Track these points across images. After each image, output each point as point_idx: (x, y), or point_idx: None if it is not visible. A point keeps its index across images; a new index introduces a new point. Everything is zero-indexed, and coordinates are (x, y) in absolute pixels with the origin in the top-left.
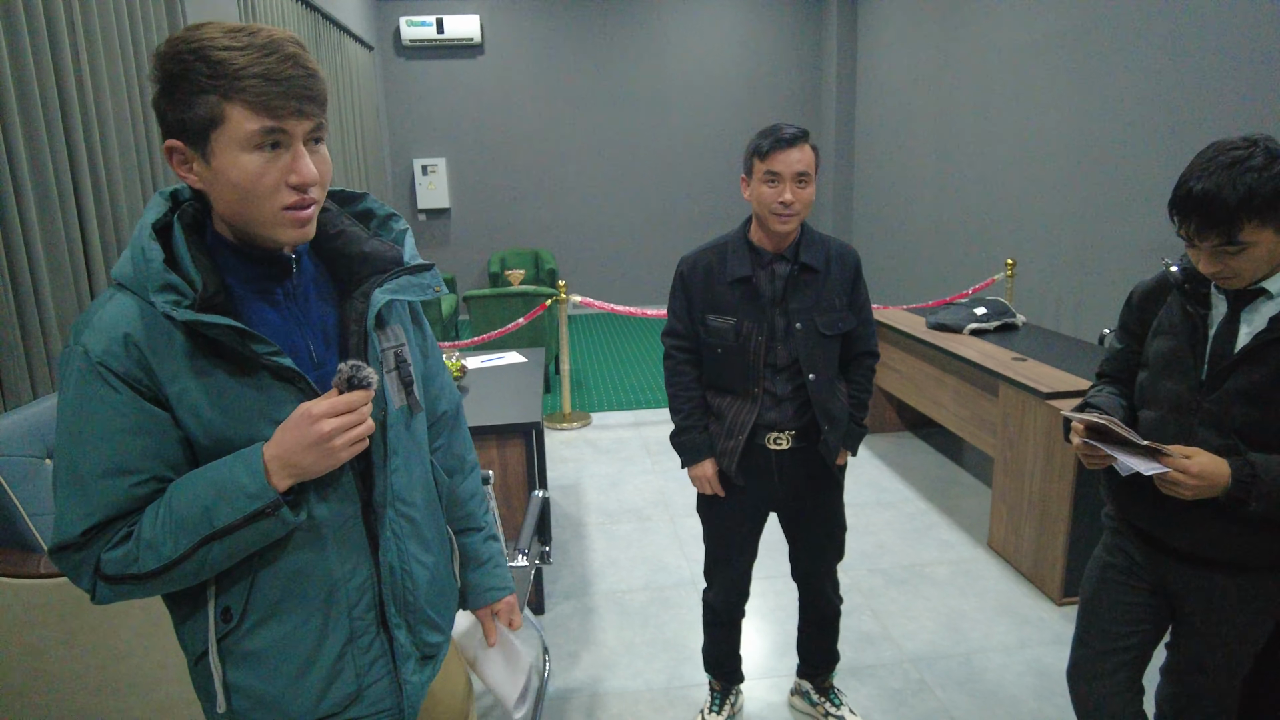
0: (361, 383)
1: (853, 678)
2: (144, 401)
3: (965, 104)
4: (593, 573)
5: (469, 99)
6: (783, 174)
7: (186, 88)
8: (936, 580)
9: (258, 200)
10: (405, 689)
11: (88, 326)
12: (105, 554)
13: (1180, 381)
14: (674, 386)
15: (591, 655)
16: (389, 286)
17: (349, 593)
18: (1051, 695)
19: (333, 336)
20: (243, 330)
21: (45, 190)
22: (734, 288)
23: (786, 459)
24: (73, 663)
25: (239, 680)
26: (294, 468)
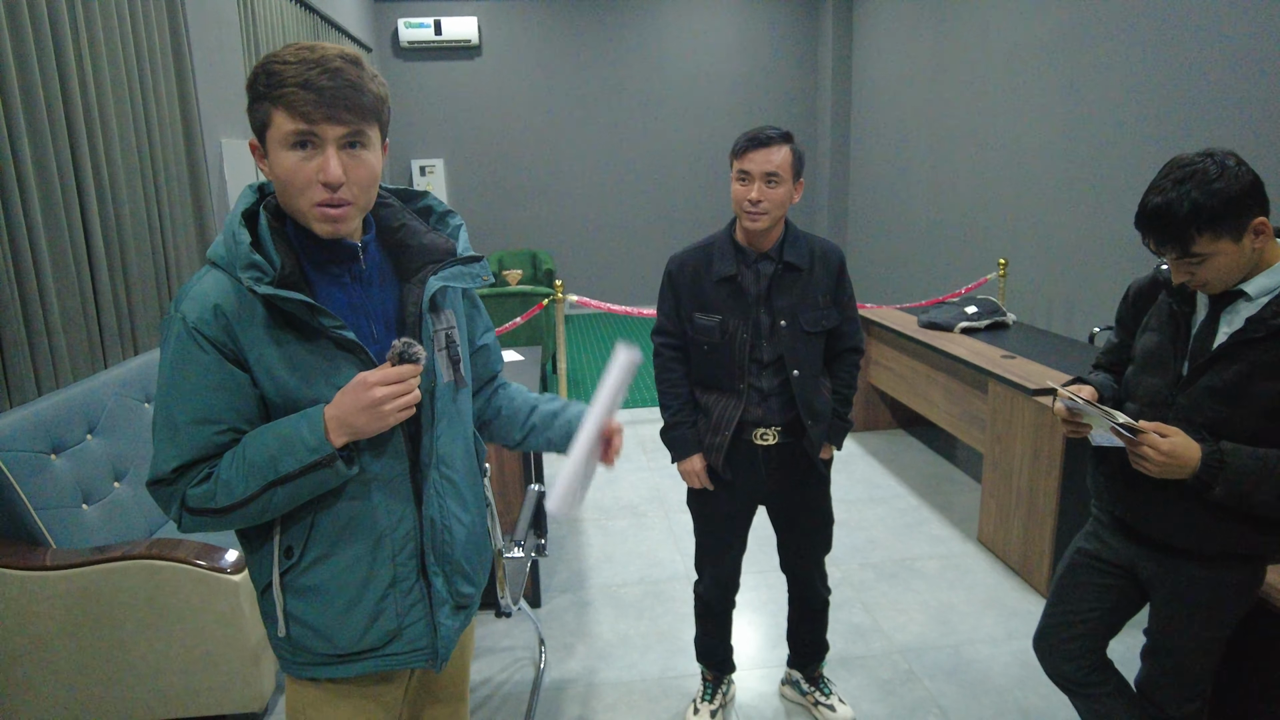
0: (412, 358)
1: (842, 668)
2: (228, 363)
3: (958, 106)
4: (588, 567)
5: (467, 100)
6: (752, 173)
7: (253, 95)
8: (926, 574)
9: (295, 193)
10: (440, 631)
11: (186, 297)
12: (190, 490)
13: (1160, 377)
14: (663, 383)
15: (587, 647)
16: (442, 274)
17: (394, 540)
18: (1036, 685)
19: (392, 316)
20: (312, 305)
21: (49, 190)
22: (720, 286)
23: (773, 454)
24: (78, 654)
25: (296, 610)
26: (349, 427)
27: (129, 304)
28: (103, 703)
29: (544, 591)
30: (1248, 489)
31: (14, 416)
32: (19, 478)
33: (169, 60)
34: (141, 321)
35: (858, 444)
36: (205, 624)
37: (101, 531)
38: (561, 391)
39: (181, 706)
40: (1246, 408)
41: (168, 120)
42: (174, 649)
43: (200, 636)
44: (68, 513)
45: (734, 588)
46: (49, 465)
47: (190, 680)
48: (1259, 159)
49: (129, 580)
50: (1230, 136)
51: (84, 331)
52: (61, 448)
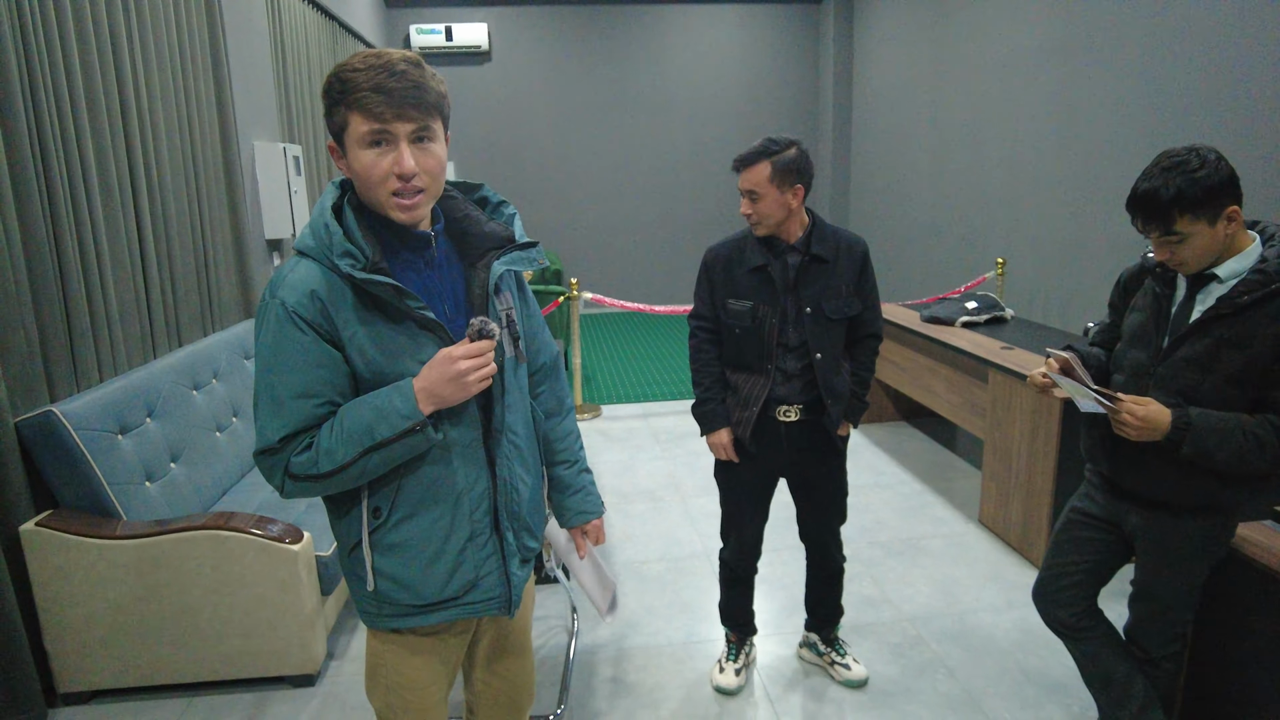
0: (489, 334)
1: (855, 634)
2: (324, 343)
3: (957, 110)
4: (612, 546)
5: (477, 105)
6: (742, 190)
7: (330, 102)
8: (931, 551)
9: (373, 186)
10: (513, 581)
11: (283, 284)
12: (294, 458)
13: (1143, 351)
14: (697, 363)
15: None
16: (505, 259)
17: (471, 499)
18: (1035, 648)
19: (460, 297)
20: (400, 289)
21: (109, 192)
22: (751, 275)
23: (794, 429)
24: (151, 617)
25: (384, 566)
26: (436, 397)
27: (174, 297)
28: (172, 662)
29: None
30: (1210, 447)
31: (87, 399)
32: (94, 455)
33: (209, 67)
34: (185, 313)
35: (863, 435)
36: (266, 591)
37: (163, 508)
38: (576, 387)
39: (242, 667)
40: (1215, 375)
41: (207, 124)
42: (236, 614)
43: (260, 603)
44: (134, 489)
45: (756, 554)
46: (117, 444)
47: (251, 644)
48: (1243, 157)
49: (196, 549)
50: (1216, 137)
51: (137, 323)
52: (127, 429)
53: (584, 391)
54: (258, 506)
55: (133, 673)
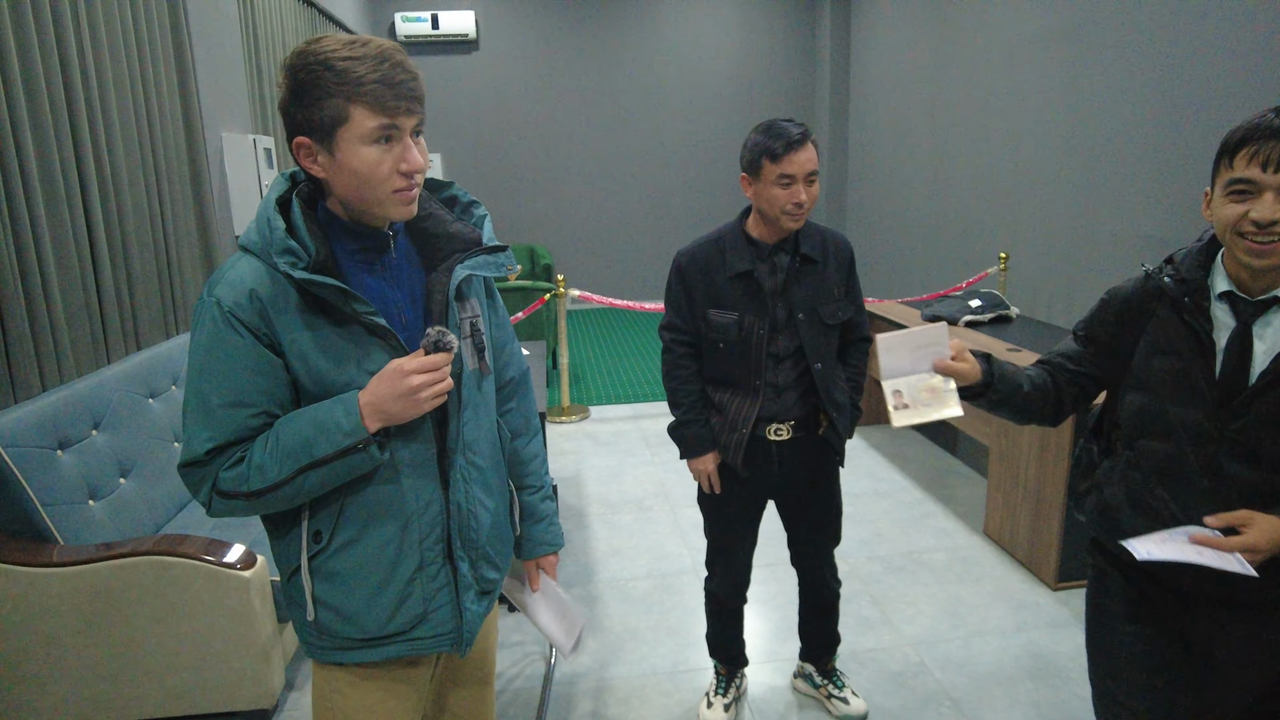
0: (445, 346)
1: (853, 660)
2: (262, 347)
3: (958, 99)
4: (595, 562)
5: (464, 95)
6: (796, 175)
7: (316, 93)
8: (934, 567)
9: (375, 185)
10: (465, 616)
11: (220, 282)
12: (223, 473)
13: (1194, 407)
14: (674, 380)
15: (597, 641)
16: (469, 263)
17: (421, 525)
18: (1047, 677)
19: (419, 303)
20: (346, 290)
21: (51, 184)
22: (735, 282)
23: (786, 449)
24: (88, 651)
25: (324, 594)
26: (384, 413)
27: (131, 299)
28: (112, 700)
29: None
30: None
31: (19, 412)
32: (26, 474)
33: (169, 53)
34: (144, 316)
35: (861, 438)
36: (215, 620)
37: (108, 528)
38: (564, 387)
39: (192, 703)
40: None
41: (169, 113)
42: (184, 645)
43: (210, 633)
44: (75, 509)
45: (745, 583)
46: (55, 461)
47: (200, 677)
48: None
49: (138, 576)
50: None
51: (87, 327)
52: (67, 444)
53: (572, 392)
54: (216, 524)
55: (70, 712)
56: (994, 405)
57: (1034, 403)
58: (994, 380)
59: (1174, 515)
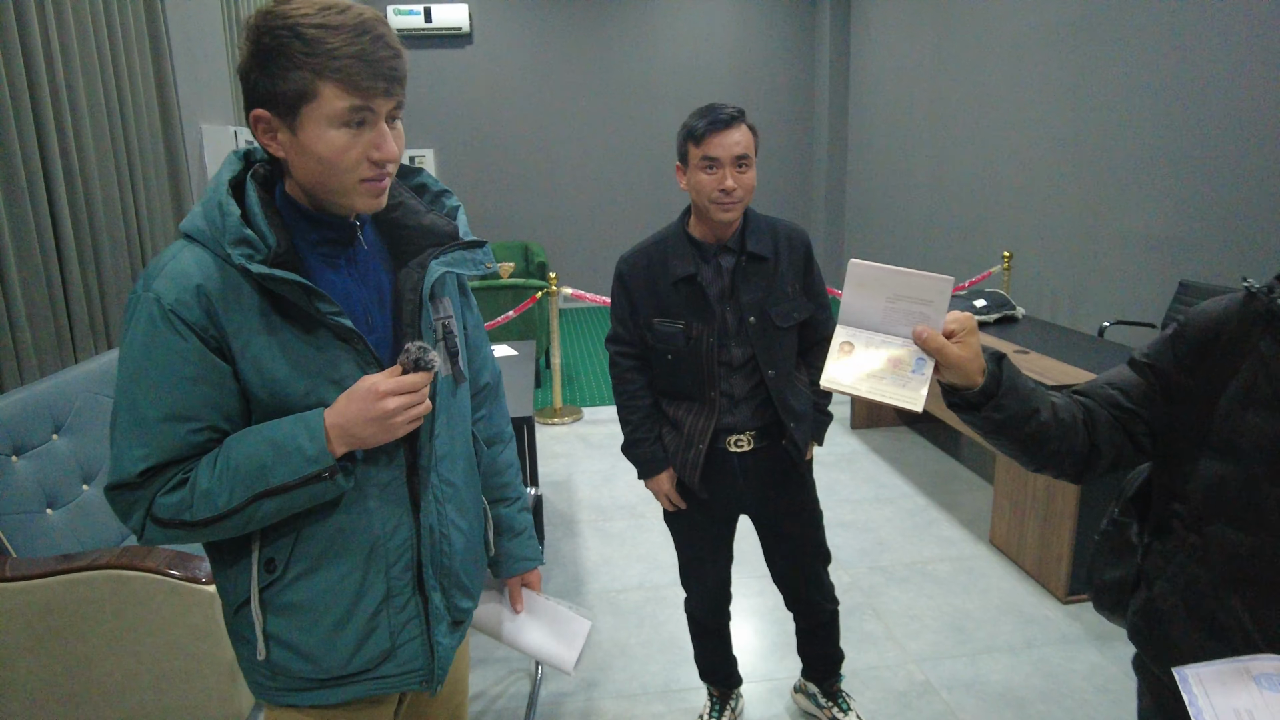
0: (426, 365)
1: (855, 679)
2: (209, 352)
3: (960, 95)
4: (586, 571)
5: (457, 90)
6: (721, 158)
7: (282, 62)
8: (938, 578)
9: (340, 173)
10: (437, 651)
11: (160, 275)
12: (160, 498)
13: None
14: (622, 396)
15: (586, 657)
16: (444, 259)
17: (389, 551)
18: (1060, 698)
19: (388, 303)
20: (310, 288)
21: (12, 176)
22: (678, 288)
23: (749, 460)
24: (42, 670)
25: (278, 630)
26: (353, 438)
27: (101, 296)
28: None
29: None
30: None
31: None
32: None
33: (144, 39)
34: (115, 314)
35: (861, 441)
36: (178, 638)
37: (68, 538)
38: (555, 388)
39: None
40: None
41: (144, 103)
42: (145, 665)
43: (173, 651)
44: (30, 518)
45: (725, 601)
46: (10, 468)
47: (162, 698)
48: (1275, 152)
49: (95, 592)
50: (1241, 126)
51: (51, 325)
52: (24, 449)
53: (564, 393)
54: None
55: None
56: (993, 428)
57: (1051, 439)
58: (999, 391)
59: (1248, 637)
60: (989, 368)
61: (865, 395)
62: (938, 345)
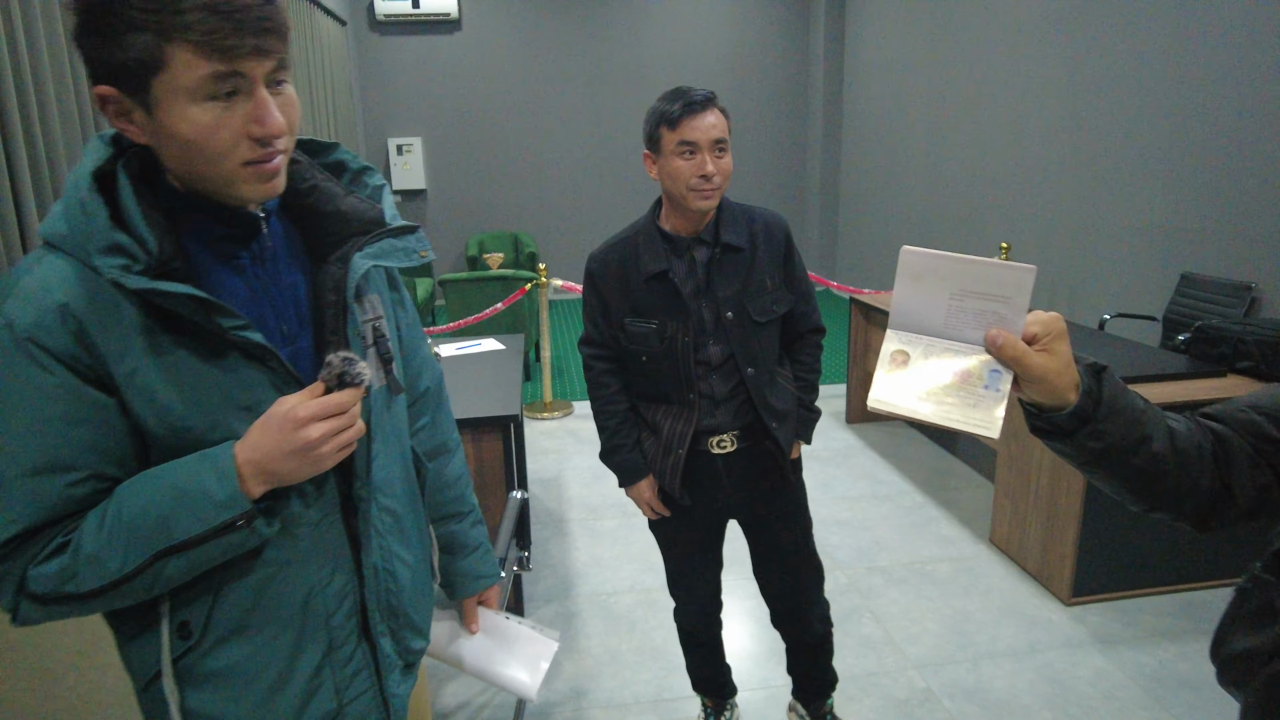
0: (354, 379)
1: (854, 686)
2: (83, 384)
3: (957, 84)
4: (575, 573)
5: (446, 76)
6: (699, 142)
7: (114, 22)
8: (938, 579)
9: (213, 158)
10: (391, 704)
11: (11, 295)
12: (34, 569)
13: None
14: (597, 400)
15: (574, 665)
16: (371, 251)
17: (327, 599)
18: (1065, 705)
19: (305, 307)
20: (205, 300)
21: None
22: (650, 285)
23: (734, 461)
24: (2, 686)
25: (200, 705)
26: (272, 475)
27: None
28: None
29: (527, 601)
30: None
31: None
32: None
33: None
34: None
35: (857, 436)
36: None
37: None
38: (545, 382)
39: None
40: None
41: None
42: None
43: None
44: None
45: (716, 610)
46: None
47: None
48: (1276, 143)
49: None
50: (1242, 115)
51: None
52: None
53: (554, 386)
54: None
55: None
56: (1090, 459)
57: (1166, 475)
58: (1098, 413)
59: None
60: (1084, 383)
61: (926, 419)
62: (1017, 353)
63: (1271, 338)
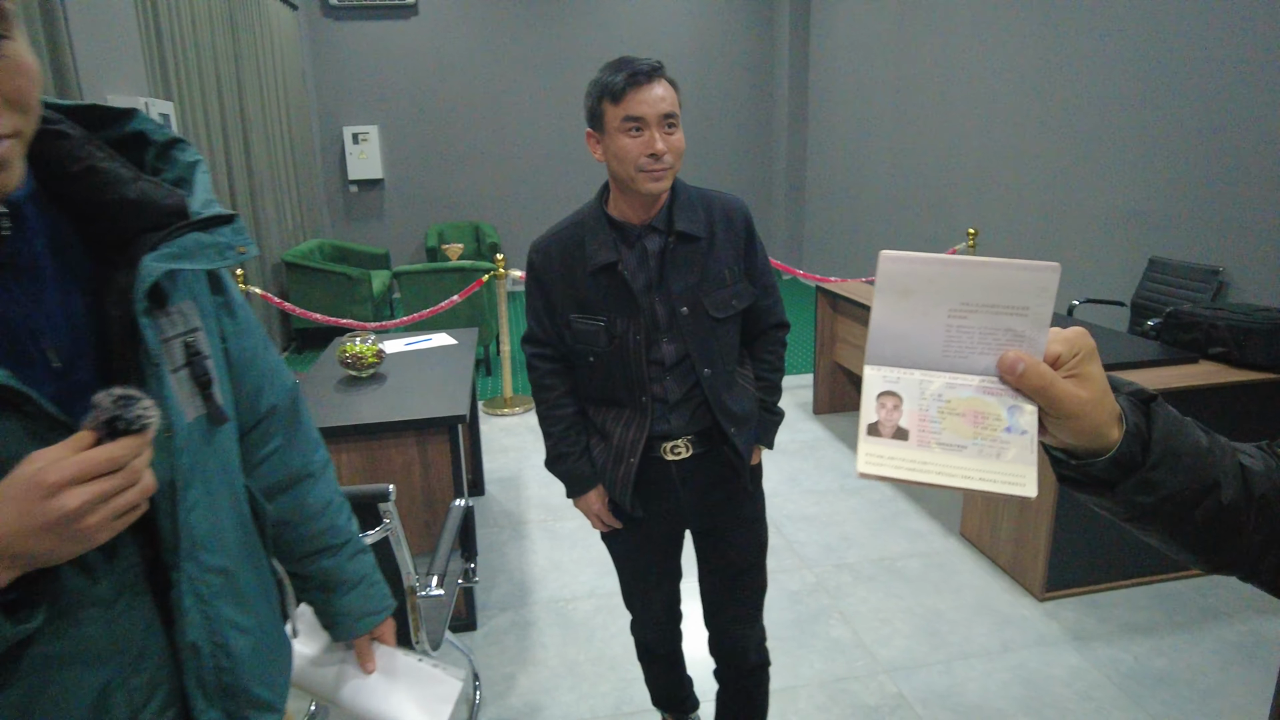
0: (134, 424)
1: (822, 693)
2: None
3: (923, 69)
4: (532, 579)
5: (403, 63)
6: (646, 117)
7: None
8: (908, 576)
9: None
10: None
11: None
12: None
13: None
14: (542, 404)
15: (529, 678)
16: (168, 251)
17: (132, 692)
18: (1041, 708)
19: (84, 328)
20: None
21: None
22: (598, 278)
23: (689, 468)
24: None
25: None
26: (19, 558)
27: None
28: None
29: (480, 610)
30: None
31: None
32: None
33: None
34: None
35: (825, 427)
36: None
37: None
38: (505, 376)
39: None
40: None
41: None
42: None
43: None
44: None
45: (675, 621)
46: None
47: None
48: (1251, 119)
49: None
50: (1210, 100)
51: None
52: None
53: (515, 381)
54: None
55: None
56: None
57: (1241, 529)
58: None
59: None
60: (1128, 420)
61: (938, 483)
62: (1043, 382)
63: (1244, 323)
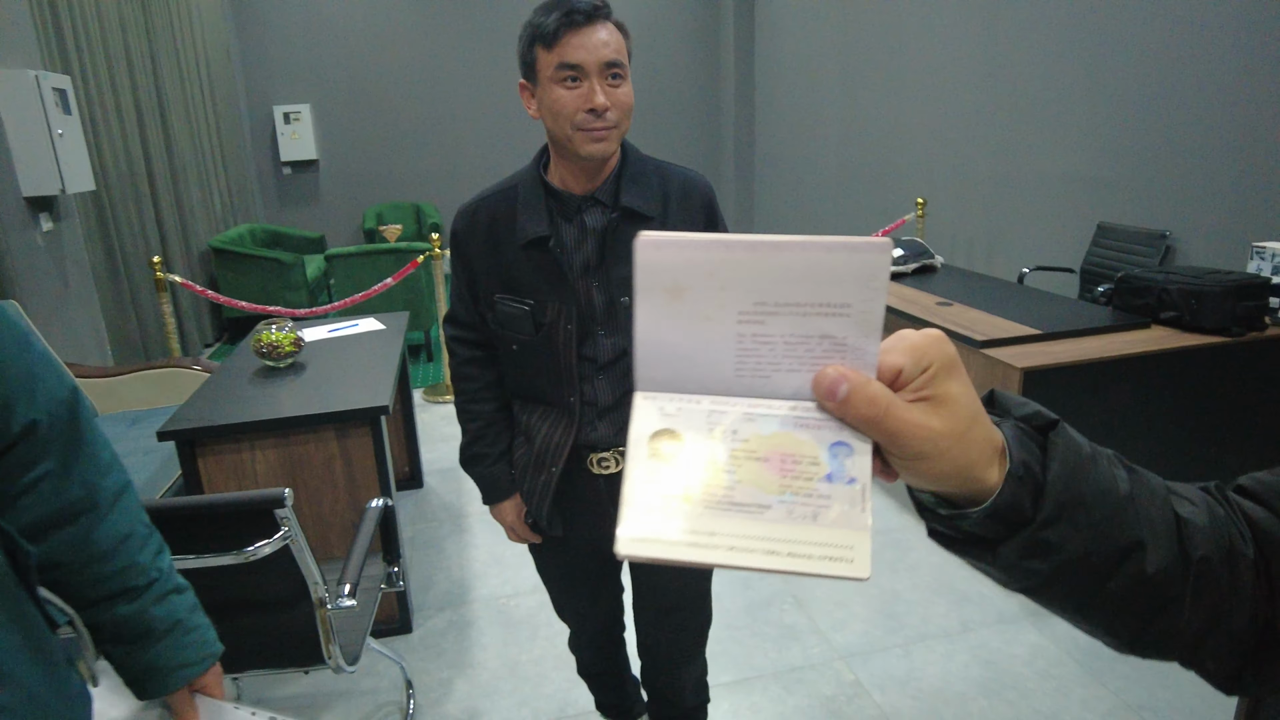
0: None
1: (777, 684)
2: None
3: (870, 38)
4: (472, 575)
5: (335, 38)
6: (585, 64)
7: None
8: None
9: None
10: None
11: None
12: None
13: None
14: (461, 395)
15: (468, 681)
16: None
17: None
18: (1001, 690)
19: None
20: None
21: None
22: (529, 253)
23: (619, 485)
24: None
25: None
26: None
27: None
28: None
29: (415, 612)
30: None
31: None
32: None
33: None
34: None
35: None
36: None
37: None
38: (445, 362)
39: None
40: None
41: None
42: None
43: None
44: None
45: (617, 633)
46: None
47: None
48: (1188, 91)
49: None
50: (1156, 65)
51: None
52: None
53: None
54: None
55: None
56: (1033, 584)
57: (1171, 606)
58: (1041, 512)
59: None
60: (1015, 457)
61: (729, 564)
62: (875, 410)
63: (1195, 285)
